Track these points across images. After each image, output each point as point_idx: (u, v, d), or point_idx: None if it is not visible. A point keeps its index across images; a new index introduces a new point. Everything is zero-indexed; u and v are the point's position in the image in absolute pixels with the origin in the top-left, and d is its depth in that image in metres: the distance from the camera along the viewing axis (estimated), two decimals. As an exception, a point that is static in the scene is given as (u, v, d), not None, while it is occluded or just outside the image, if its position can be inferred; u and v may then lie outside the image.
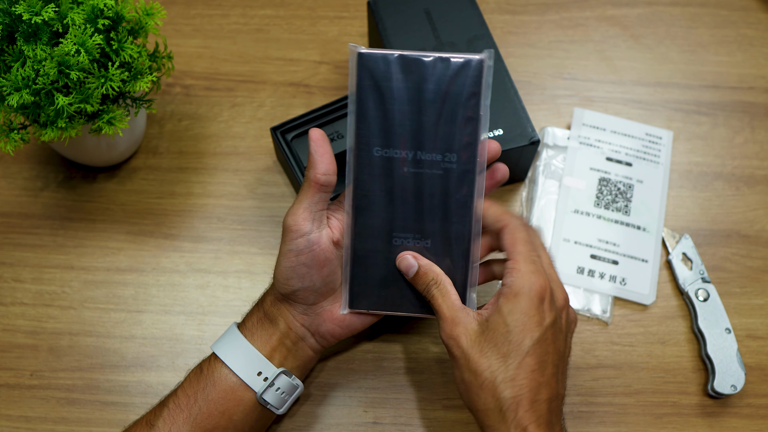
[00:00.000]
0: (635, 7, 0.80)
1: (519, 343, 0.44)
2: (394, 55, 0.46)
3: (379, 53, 0.46)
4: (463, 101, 0.46)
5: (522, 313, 0.45)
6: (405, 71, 0.46)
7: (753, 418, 0.60)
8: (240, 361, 0.51)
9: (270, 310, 0.53)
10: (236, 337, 0.52)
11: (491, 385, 0.44)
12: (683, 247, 0.66)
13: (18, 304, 0.64)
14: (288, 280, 0.50)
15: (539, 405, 0.44)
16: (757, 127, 0.73)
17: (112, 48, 0.57)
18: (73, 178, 0.69)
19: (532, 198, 0.68)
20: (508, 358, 0.44)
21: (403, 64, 0.46)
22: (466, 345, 0.45)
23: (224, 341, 0.53)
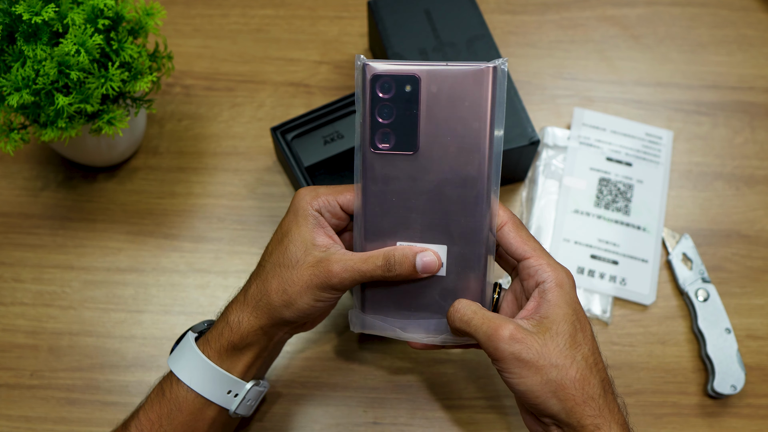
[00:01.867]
0: (635, 7, 0.80)
1: (585, 329, 0.44)
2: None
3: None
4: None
5: (573, 300, 0.45)
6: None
7: (753, 418, 0.60)
8: (208, 384, 0.48)
9: (250, 335, 0.48)
10: (201, 361, 0.48)
11: (585, 372, 0.43)
12: (683, 247, 0.66)
13: (18, 304, 0.64)
14: (308, 315, 0.48)
15: None
16: (757, 127, 0.73)
17: (112, 48, 0.57)
18: (73, 178, 0.69)
19: (532, 198, 0.68)
20: (582, 345, 0.43)
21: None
22: (539, 344, 0.42)
23: (187, 365, 0.49)
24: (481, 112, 0.44)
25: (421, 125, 0.44)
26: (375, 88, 0.44)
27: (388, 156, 0.45)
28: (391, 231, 0.46)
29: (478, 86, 0.44)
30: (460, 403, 0.60)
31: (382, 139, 0.45)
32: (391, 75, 0.44)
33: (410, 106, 0.44)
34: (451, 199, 0.45)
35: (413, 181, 0.45)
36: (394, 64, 0.44)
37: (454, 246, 0.46)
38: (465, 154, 0.44)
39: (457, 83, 0.44)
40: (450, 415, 0.60)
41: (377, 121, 0.45)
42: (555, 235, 0.66)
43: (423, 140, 0.45)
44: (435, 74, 0.44)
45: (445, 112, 0.44)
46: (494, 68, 0.43)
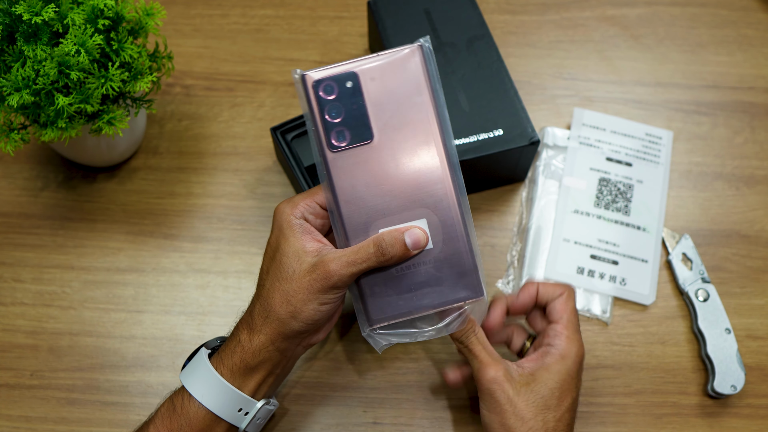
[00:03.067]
0: (635, 7, 0.80)
1: (562, 400, 0.49)
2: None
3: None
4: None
5: (567, 375, 0.50)
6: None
7: (753, 418, 0.60)
8: (220, 402, 0.49)
9: (262, 354, 0.49)
10: (214, 378, 0.49)
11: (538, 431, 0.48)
12: (683, 247, 0.66)
13: (18, 304, 0.64)
14: (316, 321, 0.48)
15: None
16: (757, 127, 0.73)
17: (112, 48, 0.57)
18: (73, 178, 0.69)
19: (532, 198, 0.68)
20: (551, 411, 0.48)
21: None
22: (513, 392, 0.48)
23: (200, 381, 0.49)
24: (420, 86, 0.47)
25: (370, 115, 0.47)
26: (319, 92, 0.47)
27: (348, 151, 0.47)
28: (370, 220, 0.47)
29: (411, 64, 0.47)
30: (460, 403, 0.60)
31: (337, 137, 0.47)
32: (331, 77, 0.47)
33: (356, 99, 0.47)
34: (417, 173, 0.47)
35: (378, 167, 0.47)
36: (329, 67, 0.47)
37: (432, 216, 0.48)
38: (416, 128, 0.47)
39: (391, 68, 0.47)
40: (450, 415, 0.60)
41: (329, 122, 0.47)
42: (555, 235, 0.66)
43: (376, 128, 0.47)
44: (370, 66, 0.47)
45: (388, 96, 0.47)
46: (420, 46, 0.47)
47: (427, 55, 0.48)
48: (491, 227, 0.68)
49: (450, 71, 0.65)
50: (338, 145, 0.47)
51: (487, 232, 0.67)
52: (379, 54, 0.47)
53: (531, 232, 0.66)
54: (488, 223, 0.68)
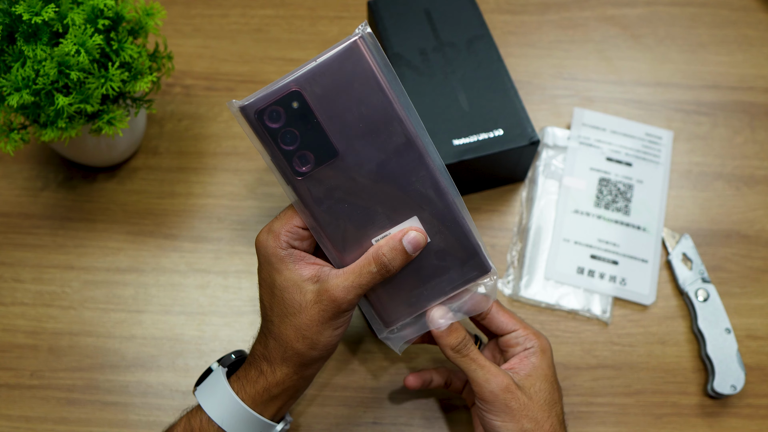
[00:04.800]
0: (635, 7, 0.80)
1: (558, 390, 0.51)
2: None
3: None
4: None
5: (551, 365, 0.51)
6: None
7: (753, 418, 0.60)
8: (241, 427, 0.48)
9: (286, 382, 0.48)
10: (235, 404, 0.48)
11: (556, 427, 0.49)
12: (683, 247, 0.66)
13: (18, 304, 0.64)
14: (334, 345, 0.48)
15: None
16: (757, 127, 0.73)
17: (112, 48, 0.57)
18: (73, 178, 0.69)
19: (532, 198, 0.68)
20: (556, 404, 0.50)
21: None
22: (526, 398, 0.49)
23: (220, 403, 0.49)
24: (374, 83, 0.42)
25: (327, 130, 0.43)
26: (264, 122, 0.42)
27: (316, 173, 0.44)
28: (361, 234, 0.45)
29: (357, 62, 0.42)
30: (460, 403, 0.60)
31: (300, 163, 0.43)
32: (272, 102, 0.42)
33: (307, 119, 0.42)
34: (394, 172, 0.44)
35: (352, 180, 0.44)
36: (265, 90, 0.42)
37: (423, 211, 0.45)
38: (381, 128, 0.43)
39: (335, 72, 0.42)
40: (450, 415, 0.60)
41: (287, 150, 0.43)
42: (555, 235, 0.66)
43: (337, 141, 0.43)
44: (311, 76, 0.42)
45: (341, 104, 0.42)
46: (362, 38, 0.42)
47: (371, 44, 0.42)
48: (491, 227, 0.68)
49: (450, 71, 0.65)
50: (304, 170, 0.43)
51: (487, 232, 0.67)
52: (317, 59, 0.42)
53: (531, 232, 0.66)
54: (488, 223, 0.68)
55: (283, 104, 0.42)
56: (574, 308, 0.64)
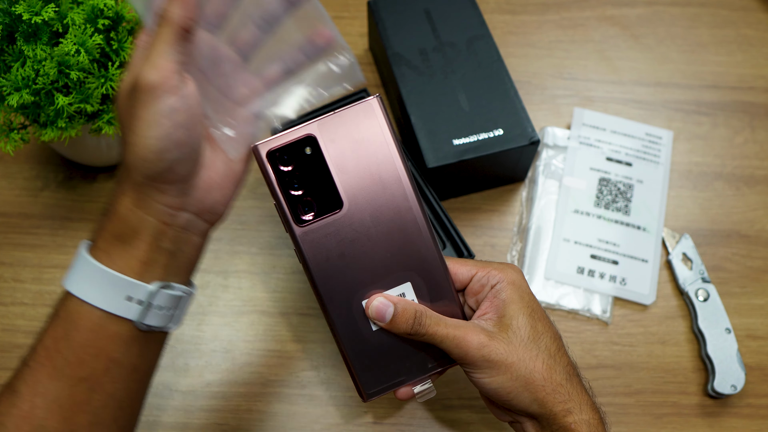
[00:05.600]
0: (635, 7, 0.80)
1: (541, 318, 0.46)
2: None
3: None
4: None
5: (527, 293, 0.46)
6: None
7: (753, 418, 0.60)
8: (100, 291, 0.40)
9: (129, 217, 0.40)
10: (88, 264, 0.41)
11: (549, 362, 0.44)
12: (683, 247, 0.66)
13: (18, 304, 0.64)
14: (162, 153, 0.39)
15: None
16: (757, 127, 0.73)
17: (112, 48, 0.57)
18: (73, 178, 0.69)
19: (532, 198, 0.68)
20: (542, 335, 0.45)
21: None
22: (504, 345, 0.44)
23: (76, 273, 0.41)
24: (384, 141, 0.43)
25: (336, 181, 0.43)
26: (276, 164, 0.43)
27: (317, 224, 0.43)
28: (352, 293, 0.44)
29: (371, 119, 0.43)
30: (460, 403, 0.60)
31: (304, 210, 0.43)
32: (285, 144, 0.43)
33: (317, 166, 0.43)
34: (394, 235, 0.44)
35: (352, 237, 0.44)
36: (283, 134, 0.43)
37: (417, 277, 0.45)
38: (387, 188, 0.43)
39: (351, 125, 0.43)
40: (450, 415, 0.60)
41: (292, 195, 0.43)
42: (555, 235, 0.66)
43: (344, 194, 0.43)
44: (327, 125, 0.43)
45: (351, 157, 0.43)
46: (378, 98, 0.43)
47: (382, 106, 0.44)
48: (491, 227, 0.68)
49: (450, 71, 0.65)
50: (306, 219, 0.43)
51: (487, 232, 0.67)
52: (334, 111, 0.43)
53: (531, 232, 0.66)
54: (488, 223, 0.68)
55: (295, 149, 0.43)
56: (574, 308, 0.64)
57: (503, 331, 0.44)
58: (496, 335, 0.44)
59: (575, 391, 0.44)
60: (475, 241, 0.67)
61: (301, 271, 0.65)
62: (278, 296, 0.64)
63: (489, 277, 0.46)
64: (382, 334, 0.45)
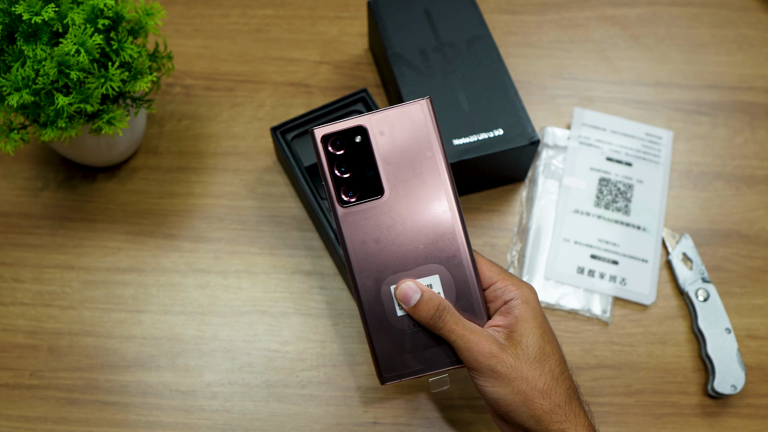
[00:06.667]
0: (635, 7, 0.80)
1: (550, 341, 0.48)
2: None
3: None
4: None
5: (539, 314, 0.48)
6: None
7: (753, 418, 0.60)
8: None
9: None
10: None
11: (551, 383, 0.46)
12: (683, 247, 0.66)
13: (18, 304, 0.64)
14: None
15: None
16: (757, 127, 0.73)
17: (112, 48, 0.57)
18: (73, 178, 0.69)
19: (532, 198, 0.68)
20: (548, 357, 0.47)
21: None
22: (512, 359, 0.46)
23: None
24: (430, 141, 0.47)
25: (380, 169, 0.47)
26: (327, 147, 0.47)
27: (358, 207, 0.47)
28: (382, 276, 0.47)
29: (420, 119, 0.47)
30: (460, 403, 0.60)
31: (347, 191, 0.47)
32: (340, 131, 0.47)
33: (365, 154, 0.47)
34: (429, 228, 0.47)
35: (389, 223, 0.47)
36: (338, 122, 0.47)
37: (445, 272, 0.47)
38: (427, 183, 0.47)
39: (400, 121, 0.47)
40: (450, 415, 0.60)
41: (338, 177, 0.47)
42: (555, 235, 0.66)
43: (386, 182, 0.47)
44: (379, 119, 0.47)
45: (398, 151, 0.47)
46: (429, 99, 0.47)
47: (432, 108, 0.48)
48: (491, 227, 0.68)
49: (450, 71, 0.65)
50: (348, 200, 0.47)
51: (487, 232, 0.67)
52: (388, 107, 0.47)
53: (531, 232, 0.66)
54: (488, 223, 0.68)
55: (347, 136, 0.47)
56: (574, 308, 0.64)
57: (513, 346, 0.46)
58: (507, 348, 0.46)
59: (573, 413, 0.46)
60: (475, 241, 0.67)
61: (301, 272, 0.65)
62: (278, 296, 0.64)
63: (505, 291, 0.48)
64: (407, 321, 0.47)
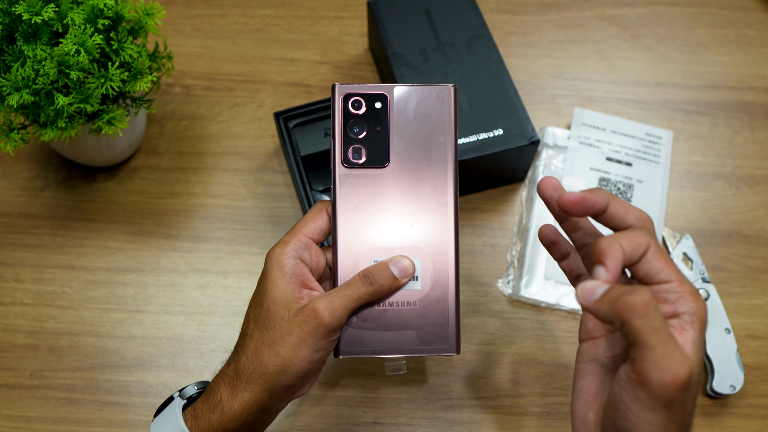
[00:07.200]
0: (635, 7, 0.80)
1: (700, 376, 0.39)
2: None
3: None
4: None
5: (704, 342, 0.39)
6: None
7: (753, 418, 0.60)
8: None
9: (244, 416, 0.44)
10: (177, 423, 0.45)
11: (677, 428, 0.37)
12: (684, 246, 0.66)
13: (18, 304, 0.64)
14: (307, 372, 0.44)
15: None
16: (757, 127, 0.73)
17: (112, 48, 0.57)
18: (73, 178, 0.69)
19: (532, 198, 0.68)
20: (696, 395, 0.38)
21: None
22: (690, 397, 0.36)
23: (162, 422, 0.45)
24: (446, 126, 0.47)
25: (391, 140, 0.47)
26: (347, 105, 0.47)
27: (360, 171, 0.47)
28: (365, 248, 0.46)
29: (442, 103, 0.47)
30: (460, 403, 0.60)
31: (354, 154, 0.47)
32: (362, 93, 0.47)
33: (380, 121, 0.47)
34: (422, 211, 0.47)
35: (385, 195, 0.47)
36: (363, 85, 0.47)
37: (428, 258, 0.47)
38: (432, 166, 0.47)
39: (422, 100, 0.47)
40: (450, 415, 0.60)
41: (349, 137, 0.47)
42: (555, 235, 0.66)
43: (393, 154, 0.47)
44: (402, 92, 0.47)
45: (413, 127, 0.47)
46: (455, 87, 0.47)
47: (455, 96, 0.48)
48: (491, 227, 0.68)
49: (450, 71, 0.65)
50: (353, 162, 0.46)
51: (487, 232, 0.67)
52: (414, 84, 0.47)
53: (531, 232, 0.66)
54: (488, 223, 0.68)
55: (368, 99, 0.47)
56: (574, 308, 0.64)
57: None
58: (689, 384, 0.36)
59: None
60: (475, 241, 0.67)
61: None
62: (278, 296, 0.64)
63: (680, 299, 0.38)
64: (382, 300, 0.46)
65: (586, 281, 0.38)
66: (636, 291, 0.36)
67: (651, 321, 0.35)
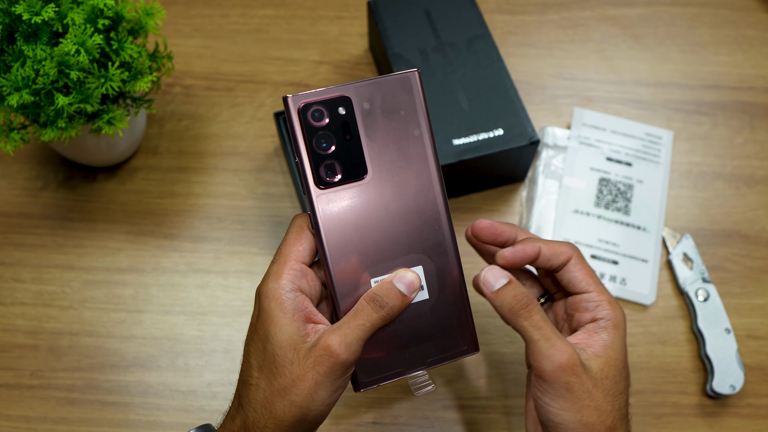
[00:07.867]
0: (635, 7, 0.80)
1: (626, 376, 0.43)
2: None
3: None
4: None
5: (624, 346, 0.44)
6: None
7: (753, 418, 0.60)
8: None
9: None
10: None
11: (617, 422, 0.42)
12: (684, 246, 0.66)
13: (18, 304, 0.64)
14: (325, 417, 0.41)
15: None
16: (757, 127, 0.73)
17: (112, 48, 0.57)
18: (73, 178, 0.69)
19: (532, 198, 0.68)
20: (621, 394, 0.43)
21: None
22: (591, 383, 0.41)
23: None
24: (418, 117, 0.43)
25: (364, 146, 0.42)
26: (306, 118, 0.41)
27: (338, 189, 0.41)
28: (362, 268, 0.42)
29: (409, 92, 0.42)
30: (460, 403, 0.60)
31: (327, 172, 0.41)
32: (321, 101, 0.41)
33: (348, 129, 0.41)
34: (413, 215, 0.43)
35: (371, 208, 0.42)
36: (318, 91, 0.41)
37: (429, 263, 0.43)
38: (413, 165, 0.43)
39: (388, 94, 0.42)
40: (450, 415, 0.60)
41: (318, 154, 0.41)
42: (555, 235, 0.66)
43: (370, 162, 0.42)
44: (364, 90, 0.41)
45: (384, 127, 0.42)
46: (418, 71, 0.42)
47: (420, 81, 0.43)
48: (491, 227, 0.68)
49: (450, 71, 0.65)
50: (328, 181, 0.41)
51: (487, 232, 0.67)
52: (373, 78, 0.42)
53: (531, 232, 0.66)
54: (488, 223, 0.68)
55: (329, 106, 0.41)
56: (574, 308, 0.64)
57: (599, 371, 0.42)
58: (588, 369, 0.41)
59: None
60: (475, 241, 0.67)
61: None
62: (278, 296, 0.64)
63: (599, 307, 0.43)
64: None
65: (491, 268, 0.43)
66: (523, 297, 0.42)
67: (533, 321, 0.42)
